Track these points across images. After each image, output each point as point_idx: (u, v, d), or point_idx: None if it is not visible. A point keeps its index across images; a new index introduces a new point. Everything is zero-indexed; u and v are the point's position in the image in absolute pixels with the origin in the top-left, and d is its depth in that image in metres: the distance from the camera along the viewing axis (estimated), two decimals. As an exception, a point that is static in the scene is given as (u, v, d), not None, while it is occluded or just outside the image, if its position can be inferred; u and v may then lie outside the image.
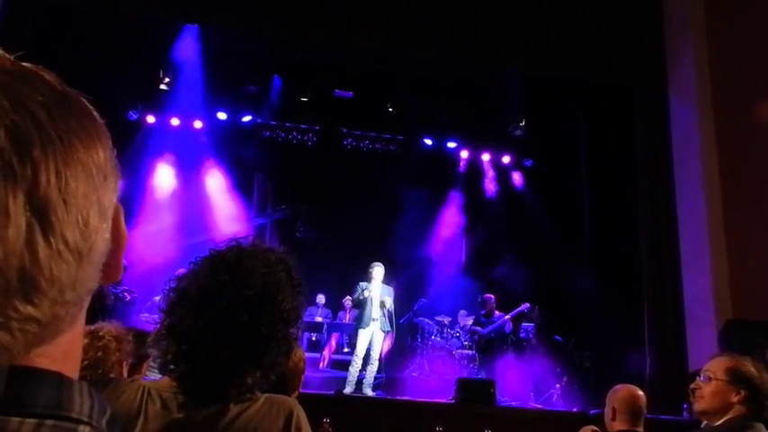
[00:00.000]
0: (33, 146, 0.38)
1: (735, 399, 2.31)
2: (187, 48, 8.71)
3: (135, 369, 2.37)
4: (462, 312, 9.40)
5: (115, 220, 0.46)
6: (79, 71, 7.62)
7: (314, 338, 8.98)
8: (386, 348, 8.40)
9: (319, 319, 9.19)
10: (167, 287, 1.37)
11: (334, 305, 9.78)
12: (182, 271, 1.41)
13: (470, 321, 8.95)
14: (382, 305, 7.35)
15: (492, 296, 8.68)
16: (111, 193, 0.44)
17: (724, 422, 2.32)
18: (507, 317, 8.31)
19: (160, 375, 1.39)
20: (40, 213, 0.38)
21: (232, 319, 1.30)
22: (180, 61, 8.89)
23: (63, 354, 0.44)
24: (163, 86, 9.35)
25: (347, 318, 9.28)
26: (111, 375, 2.05)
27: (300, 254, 1.50)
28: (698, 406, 2.42)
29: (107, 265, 0.45)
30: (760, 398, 2.33)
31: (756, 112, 7.76)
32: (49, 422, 0.40)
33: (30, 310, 0.39)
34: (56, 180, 0.39)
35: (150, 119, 9.89)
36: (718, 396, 2.34)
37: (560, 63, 8.49)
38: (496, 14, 8.37)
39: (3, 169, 0.36)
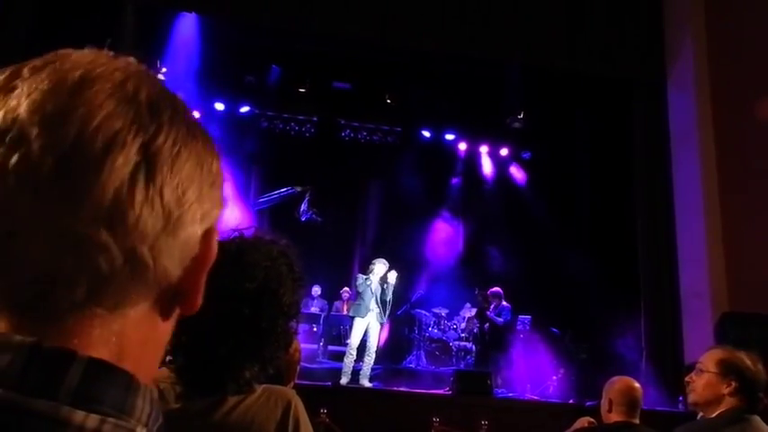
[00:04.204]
0: (163, 115, 0.46)
1: (726, 390, 2.32)
2: (184, 37, 8.66)
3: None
4: (467, 305, 9.42)
5: (208, 233, 0.49)
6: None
7: (315, 329, 8.99)
8: (382, 339, 8.44)
9: (315, 310, 9.19)
10: None
11: (329, 296, 9.79)
12: None
13: (473, 314, 9.00)
14: (384, 282, 7.38)
15: (490, 290, 8.70)
16: (212, 203, 0.48)
17: (719, 414, 2.33)
18: (490, 313, 8.38)
19: None
20: (149, 162, 0.43)
21: (233, 312, 1.29)
22: (177, 51, 8.84)
23: (114, 351, 0.45)
24: (160, 76, 9.27)
25: (344, 309, 9.29)
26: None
27: (298, 244, 1.49)
28: (691, 398, 2.44)
29: (187, 284, 0.49)
30: (753, 390, 2.34)
31: (755, 104, 7.76)
32: (111, 420, 0.41)
33: (107, 237, 0.42)
34: (171, 146, 0.45)
35: (147, 109, 9.82)
36: (710, 388, 2.35)
37: (559, 54, 8.47)
38: (495, 5, 8.33)
39: (133, 118, 0.43)
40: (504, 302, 8.53)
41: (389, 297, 7.55)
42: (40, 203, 0.41)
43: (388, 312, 7.68)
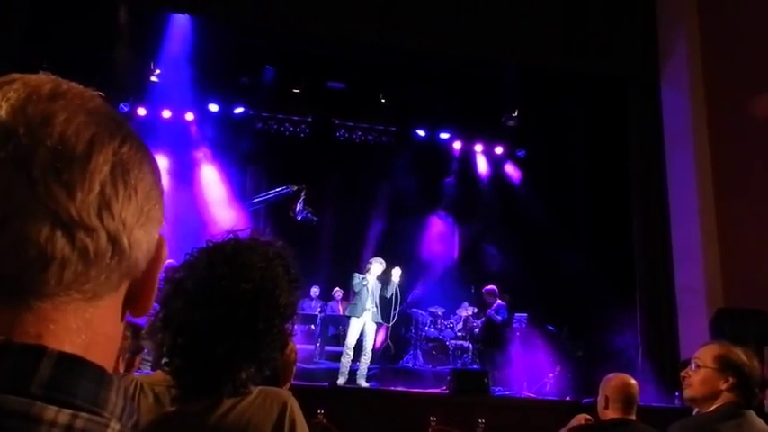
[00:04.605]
0: (124, 128, 0.50)
1: (723, 386, 2.33)
2: (178, 39, 8.65)
3: (130, 364, 2.36)
4: (465, 304, 9.43)
5: (161, 238, 0.53)
6: (70, 63, 7.56)
7: (312, 328, 8.98)
8: (380, 340, 8.44)
9: (317, 311, 9.18)
10: (161, 278, 1.36)
11: (326, 296, 9.79)
12: (173, 262, 1.40)
13: (470, 312, 9.02)
14: (384, 281, 7.40)
15: (485, 288, 8.72)
16: (163, 210, 0.53)
17: (714, 409, 2.34)
18: (490, 311, 8.38)
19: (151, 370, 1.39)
20: (122, 164, 0.48)
21: (229, 312, 1.29)
22: (171, 53, 8.83)
23: (85, 342, 0.47)
24: (154, 78, 9.29)
25: (340, 309, 9.29)
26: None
27: (295, 244, 1.49)
28: (687, 393, 2.44)
29: (143, 284, 0.52)
30: (749, 385, 2.34)
31: (748, 103, 7.79)
32: (84, 415, 0.42)
33: (97, 222, 0.45)
34: (135, 153, 0.50)
35: (141, 111, 9.81)
36: (707, 383, 2.36)
37: (553, 53, 8.48)
38: (489, 4, 8.34)
39: (104, 127, 0.48)
40: (499, 300, 8.56)
41: (390, 294, 7.55)
42: (36, 190, 0.43)
43: (395, 313, 7.72)
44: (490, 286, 8.70)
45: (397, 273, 7.57)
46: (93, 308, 0.47)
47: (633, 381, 3.10)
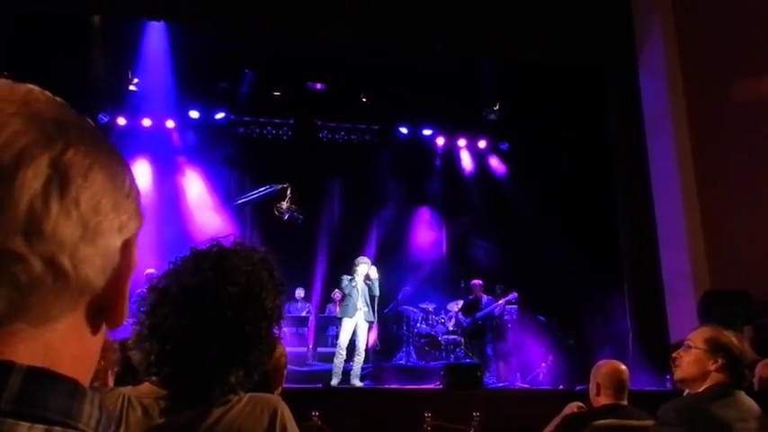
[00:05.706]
0: (70, 132, 0.45)
1: (712, 367, 2.37)
2: (155, 47, 8.59)
3: (124, 378, 2.34)
4: (460, 302, 9.45)
5: (127, 243, 0.49)
6: (47, 75, 7.47)
7: (303, 331, 8.96)
8: (372, 339, 8.44)
9: (304, 314, 9.16)
10: (146, 287, 1.36)
11: (311, 297, 9.77)
12: (152, 272, 1.40)
13: (457, 307, 9.03)
14: (369, 280, 7.41)
15: (477, 282, 8.75)
16: (128, 214, 0.49)
17: (705, 389, 2.37)
18: (500, 303, 8.38)
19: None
20: (61, 174, 0.43)
21: (216, 316, 1.29)
22: (149, 61, 8.76)
23: (50, 363, 0.44)
24: (132, 87, 9.21)
25: (337, 311, 9.28)
26: (95, 384, 2.02)
27: (279, 246, 1.49)
28: (677, 374, 2.49)
29: (111, 295, 0.48)
30: (739, 367, 2.39)
31: (726, 86, 7.88)
32: (58, 429, 0.41)
33: (24, 248, 0.41)
34: (82, 159, 0.45)
35: (121, 121, 9.72)
36: (697, 364, 2.40)
37: (530, 46, 8.52)
38: (465, 1, 8.36)
39: (40, 134, 0.43)
40: (485, 295, 8.59)
41: (377, 293, 7.56)
42: None
43: (375, 310, 7.70)
44: (474, 280, 8.75)
45: (373, 271, 7.53)
46: (50, 332, 0.44)
47: (623, 366, 3.14)
